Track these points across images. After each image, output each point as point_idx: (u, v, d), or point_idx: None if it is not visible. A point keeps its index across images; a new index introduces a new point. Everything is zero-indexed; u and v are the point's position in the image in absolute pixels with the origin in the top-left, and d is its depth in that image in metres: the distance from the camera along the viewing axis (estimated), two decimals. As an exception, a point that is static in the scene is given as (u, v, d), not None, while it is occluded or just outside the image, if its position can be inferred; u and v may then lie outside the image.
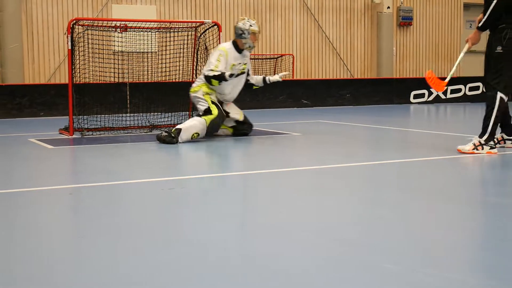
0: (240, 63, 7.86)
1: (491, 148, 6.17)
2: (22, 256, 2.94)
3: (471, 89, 15.91)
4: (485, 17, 6.21)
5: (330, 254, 2.92)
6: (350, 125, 9.82)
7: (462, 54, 6.76)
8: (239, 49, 7.89)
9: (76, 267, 2.78)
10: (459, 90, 15.82)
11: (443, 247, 3.05)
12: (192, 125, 7.44)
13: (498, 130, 6.40)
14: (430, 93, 15.55)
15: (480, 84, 15.91)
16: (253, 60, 15.45)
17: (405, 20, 16.91)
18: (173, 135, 7.24)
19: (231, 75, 7.60)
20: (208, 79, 7.67)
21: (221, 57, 7.74)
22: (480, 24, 6.33)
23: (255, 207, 4.10)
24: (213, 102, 7.66)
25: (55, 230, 3.51)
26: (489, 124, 6.17)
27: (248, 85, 8.25)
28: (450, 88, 15.67)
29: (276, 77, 8.16)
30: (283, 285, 2.49)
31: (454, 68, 6.81)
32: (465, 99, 15.83)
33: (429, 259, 2.83)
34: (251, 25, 7.84)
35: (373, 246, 3.06)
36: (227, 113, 7.95)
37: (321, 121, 10.57)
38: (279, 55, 15.73)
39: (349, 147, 7.10)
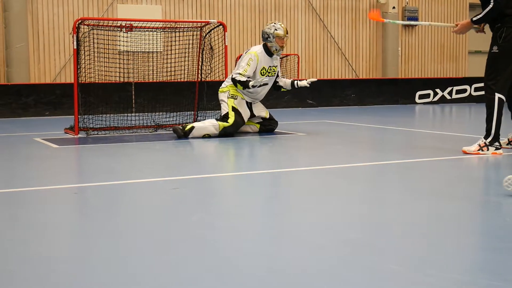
0: (270, 66, 8.11)
1: (496, 149, 6.15)
2: (26, 255, 2.94)
3: (476, 89, 15.87)
4: (481, 15, 6.28)
5: (334, 254, 2.91)
6: (355, 125, 9.81)
7: (439, 24, 6.88)
8: (269, 52, 8.10)
9: (81, 266, 2.78)
10: (465, 90, 15.79)
11: (446, 247, 3.04)
12: (206, 126, 7.75)
13: (504, 129, 6.39)
14: (436, 94, 15.53)
15: (485, 84, 15.90)
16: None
17: (410, 20, 16.87)
18: (186, 131, 7.68)
19: (254, 86, 7.73)
20: (234, 82, 7.87)
21: (251, 61, 7.93)
22: (475, 18, 6.38)
23: (259, 207, 4.10)
24: (234, 109, 7.87)
25: (60, 229, 3.51)
26: (492, 126, 6.16)
27: (276, 87, 8.52)
28: (455, 88, 15.65)
29: (304, 82, 8.37)
30: (285, 285, 2.48)
31: (400, 22, 7.01)
32: (470, 99, 15.80)
33: (433, 259, 2.82)
34: (276, 29, 8.02)
35: (377, 246, 3.06)
36: (252, 112, 8.18)
37: (326, 121, 10.56)
38: (284, 55, 15.70)
39: (353, 147, 7.09)
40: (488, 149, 6.14)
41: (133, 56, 10.61)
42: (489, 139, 6.15)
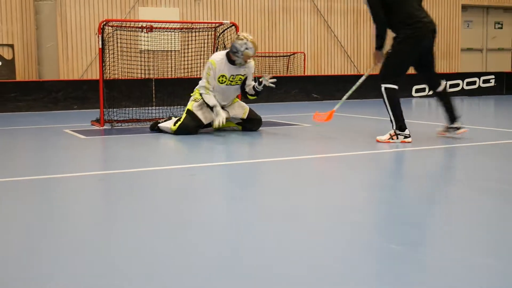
0: (233, 75, 7.36)
1: (405, 137, 6.19)
2: (58, 234, 2.95)
3: (468, 84, 15.80)
4: (376, 39, 6.45)
5: (339, 236, 2.91)
6: (357, 117, 9.78)
7: (359, 82, 7.11)
8: (232, 63, 7.34)
9: (106, 247, 2.79)
10: (458, 84, 15.71)
11: (444, 227, 3.03)
12: (165, 127, 7.40)
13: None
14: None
15: (477, 79, 15.81)
16: (267, 58, 15.43)
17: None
18: (154, 128, 7.63)
19: (209, 107, 7.20)
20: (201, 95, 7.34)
21: (210, 70, 7.27)
22: (376, 46, 6.56)
23: (267, 192, 4.10)
24: (188, 111, 7.31)
25: (88, 212, 3.52)
26: (390, 116, 6.35)
27: (244, 93, 7.66)
28: (449, 83, 15.56)
29: (264, 82, 7.43)
30: (293, 264, 2.48)
31: (346, 96, 7.16)
32: (463, 93, 15.71)
33: (432, 239, 2.82)
34: (247, 48, 7.18)
35: (379, 227, 3.05)
36: (227, 113, 7.47)
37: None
38: (291, 53, 15.68)
39: (355, 136, 7.06)
40: (397, 138, 6.19)
41: (153, 55, 10.60)
42: (395, 126, 6.24)
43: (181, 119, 7.30)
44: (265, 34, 15.32)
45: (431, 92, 6.83)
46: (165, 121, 7.60)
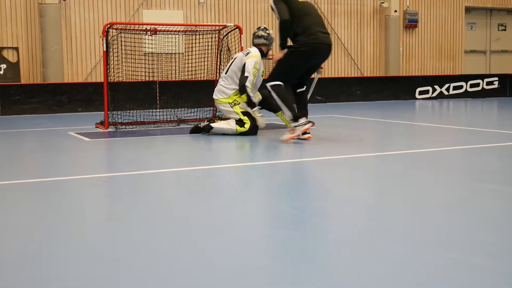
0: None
1: (304, 124, 6.34)
2: (63, 236, 2.96)
3: (471, 86, 15.77)
4: (280, 39, 6.65)
5: (342, 238, 2.91)
6: (361, 119, 9.77)
7: (313, 84, 7.24)
8: (264, 55, 7.86)
9: (110, 247, 2.80)
10: (461, 87, 15.69)
11: (444, 229, 3.03)
12: (224, 129, 7.40)
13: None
14: (434, 90, 15.42)
15: (480, 81, 15.79)
16: (270, 61, 15.42)
17: (411, 23, 16.77)
18: (204, 130, 7.48)
19: (250, 104, 7.43)
20: (243, 91, 7.40)
21: (258, 65, 7.55)
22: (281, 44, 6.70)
23: (270, 193, 4.10)
24: (244, 113, 7.40)
25: (93, 213, 3.54)
26: (283, 109, 6.56)
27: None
28: (452, 85, 15.55)
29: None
30: (297, 263, 2.49)
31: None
32: (466, 95, 15.69)
33: (432, 240, 2.82)
34: (271, 35, 7.86)
35: (381, 229, 3.05)
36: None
37: (334, 115, 10.53)
38: (295, 55, 15.66)
39: (359, 139, 7.07)
40: (295, 131, 6.35)
41: (157, 57, 10.62)
42: (289, 118, 6.45)
43: (246, 122, 7.33)
44: (268, 36, 15.31)
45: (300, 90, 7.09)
46: (213, 122, 7.62)
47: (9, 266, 2.53)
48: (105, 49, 8.40)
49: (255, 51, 7.71)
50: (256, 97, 7.63)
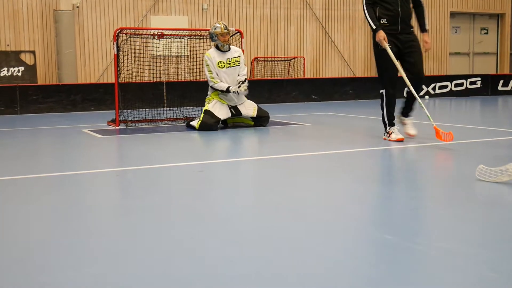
0: (228, 59, 7.81)
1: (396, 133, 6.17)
2: (77, 229, 2.96)
3: (456, 85, 15.76)
4: (427, 20, 6.37)
5: (337, 228, 2.90)
6: (353, 116, 9.76)
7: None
8: (220, 49, 7.82)
9: (121, 238, 2.79)
10: (446, 86, 15.68)
11: (433, 219, 3.03)
12: (193, 125, 7.73)
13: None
14: (421, 89, 15.41)
15: (464, 80, 15.77)
16: (269, 62, 15.42)
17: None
18: (188, 125, 7.86)
19: (234, 91, 7.62)
20: (214, 88, 7.78)
21: (208, 61, 7.75)
22: (427, 27, 6.39)
23: (270, 187, 4.09)
24: (205, 111, 7.63)
25: (105, 206, 3.53)
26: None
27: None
28: (438, 84, 15.53)
29: (236, 88, 7.68)
30: (293, 252, 2.48)
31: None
32: (451, 94, 15.68)
33: (422, 230, 2.81)
34: (215, 28, 7.72)
35: (374, 220, 3.05)
36: (239, 113, 7.83)
37: (328, 113, 10.52)
38: (292, 57, 15.67)
39: (352, 135, 7.06)
40: (389, 136, 6.16)
41: (164, 60, 10.60)
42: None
43: (201, 118, 7.60)
44: (267, 40, 15.30)
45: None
46: (194, 120, 7.88)
47: (25, 256, 2.52)
48: (115, 52, 8.39)
49: (208, 51, 7.95)
50: (225, 85, 7.64)
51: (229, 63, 7.82)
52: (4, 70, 12.68)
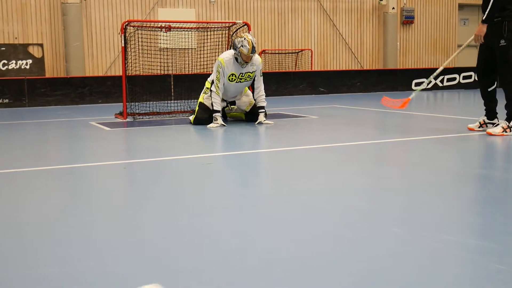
0: (242, 73, 7.36)
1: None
2: (82, 221, 2.96)
3: (464, 78, 15.68)
4: (488, 12, 5.80)
5: (344, 220, 2.90)
6: (361, 109, 9.73)
7: (463, 47, 6.51)
8: (237, 61, 7.31)
9: (128, 230, 2.80)
10: (454, 78, 15.60)
11: (440, 212, 3.02)
12: (191, 119, 7.57)
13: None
14: (429, 82, 15.34)
15: (472, 73, 15.67)
16: (277, 54, 15.39)
17: (407, 19, 16.69)
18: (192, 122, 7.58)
19: (215, 111, 7.24)
20: (210, 94, 7.43)
21: (220, 68, 7.26)
22: (484, 18, 5.91)
23: (277, 179, 4.09)
24: (200, 104, 7.48)
25: (112, 197, 3.54)
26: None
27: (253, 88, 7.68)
28: (446, 77, 15.46)
29: (260, 119, 7.45)
30: (303, 244, 2.48)
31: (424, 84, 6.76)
32: (459, 86, 15.60)
33: (429, 223, 2.80)
34: (242, 46, 7.11)
35: (381, 213, 3.04)
36: (232, 108, 7.71)
37: (335, 106, 10.49)
38: (300, 50, 15.63)
39: (359, 128, 7.04)
40: (511, 131, 5.93)
41: (172, 52, 10.60)
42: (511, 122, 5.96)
43: (195, 113, 7.50)
44: (275, 32, 15.26)
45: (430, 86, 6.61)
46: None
47: (31, 247, 2.53)
48: (123, 45, 8.38)
49: (224, 54, 7.43)
50: (217, 107, 7.27)
51: (241, 79, 7.39)
52: (12, 63, 12.72)
